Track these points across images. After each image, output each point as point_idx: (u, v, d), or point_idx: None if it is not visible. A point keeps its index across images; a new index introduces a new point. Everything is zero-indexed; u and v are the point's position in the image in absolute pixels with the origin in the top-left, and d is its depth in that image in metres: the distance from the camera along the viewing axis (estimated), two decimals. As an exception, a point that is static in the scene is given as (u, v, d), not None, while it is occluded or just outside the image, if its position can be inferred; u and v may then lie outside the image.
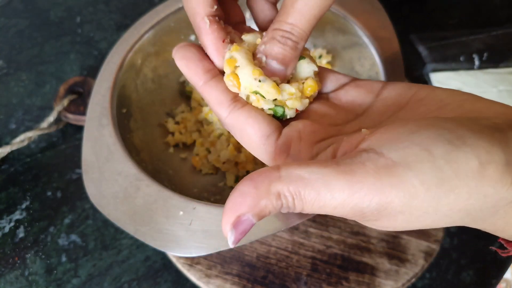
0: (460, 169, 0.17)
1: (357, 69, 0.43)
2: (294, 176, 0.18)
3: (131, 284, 0.39)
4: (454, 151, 0.17)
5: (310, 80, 0.25)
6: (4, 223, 0.42)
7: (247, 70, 0.23)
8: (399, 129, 0.18)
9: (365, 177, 0.17)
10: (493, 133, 0.17)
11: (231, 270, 0.39)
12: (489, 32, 0.56)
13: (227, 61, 0.24)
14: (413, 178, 0.17)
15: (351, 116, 0.25)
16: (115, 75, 0.40)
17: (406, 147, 0.17)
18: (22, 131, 0.47)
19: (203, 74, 0.24)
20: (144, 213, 0.32)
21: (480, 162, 0.17)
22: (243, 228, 0.18)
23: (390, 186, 0.17)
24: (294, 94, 0.24)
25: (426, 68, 0.53)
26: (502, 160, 0.17)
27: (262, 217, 0.18)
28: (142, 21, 0.43)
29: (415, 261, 0.39)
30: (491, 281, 0.40)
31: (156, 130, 0.44)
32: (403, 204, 0.17)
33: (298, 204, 0.18)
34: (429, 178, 0.17)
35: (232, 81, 0.24)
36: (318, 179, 0.17)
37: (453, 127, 0.17)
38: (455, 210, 0.18)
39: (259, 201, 0.18)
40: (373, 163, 0.17)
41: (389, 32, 0.41)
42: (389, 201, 0.17)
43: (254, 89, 0.24)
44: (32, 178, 0.45)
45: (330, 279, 0.39)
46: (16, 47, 0.56)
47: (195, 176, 0.43)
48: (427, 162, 0.17)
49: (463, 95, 0.21)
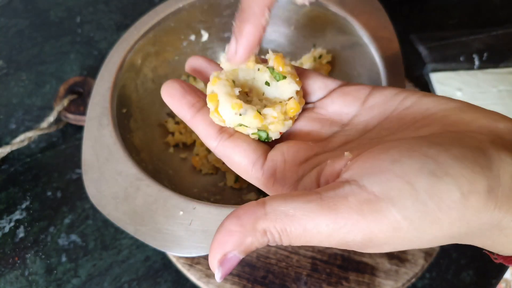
0: (442, 202, 0.17)
1: (357, 69, 0.43)
2: (279, 213, 0.18)
3: (131, 284, 0.39)
4: (436, 183, 0.17)
5: (292, 102, 0.25)
6: (4, 223, 0.42)
7: (227, 105, 0.24)
8: (382, 156, 0.18)
9: (348, 213, 0.17)
10: (476, 158, 0.17)
11: (231, 270, 0.39)
12: (489, 32, 0.56)
13: (209, 97, 0.25)
14: (396, 213, 0.17)
15: (336, 127, 0.25)
16: (115, 75, 0.40)
17: (388, 180, 0.17)
18: (22, 131, 0.47)
19: (189, 109, 0.25)
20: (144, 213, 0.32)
21: (462, 193, 0.17)
22: (229, 265, 0.18)
23: (374, 222, 0.17)
24: (276, 117, 0.25)
25: (426, 68, 0.53)
26: (485, 187, 0.17)
27: (248, 252, 0.19)
28: (142, 21, 0.43)
29: (415, 261, 0.39)
30: (491, 281, 0.40)
31: (156, 130, 0.44)
32: (387, 237, 0.17)
33: (285, 240, 0.18)
34: (412, 213, 0.17)
35: (217, 117, 0.25)
36: (303, 215, 0.18)
37: (436, 154, 0.17)
38: (441, 236, 0.18)
39: (245, 238, 0.18)
40: (356, 197, 0.17)
41: (389, 32, 0.41)
42: (373, 236, 0.17)
43: (238, 123, 0.24)
44: (32, 178, 0.45)
45: (330, 279, 0.39)
46: (16, 47, 0.56)
47: (195, 176, 0.43)
48: (409, 197, 0.17)
49: (450, 103, 0.21)
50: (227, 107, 0.24)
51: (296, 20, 0.46)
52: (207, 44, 0.48)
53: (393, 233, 0.17)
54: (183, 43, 0.46)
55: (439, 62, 0.53)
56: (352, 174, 0.18)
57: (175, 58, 0.46)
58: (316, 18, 0.45)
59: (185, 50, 0.47)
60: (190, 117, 0.26)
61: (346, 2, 0.43)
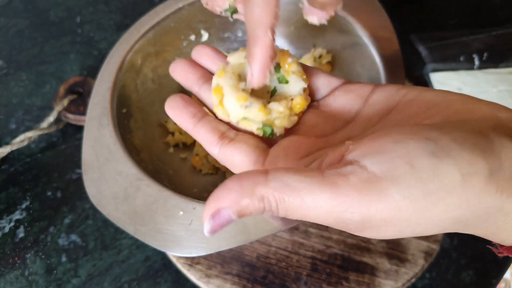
0: (442, 182, 0.17)
1: (357, 69, 0.43)
2: (280, 182, 0.18)
3: (131, 284, 0.39)
4: (437, 164, 0.17)
5: (299, 97, 0.25)
6: (4, 223, 0.42)
7: (232, 98, 0.24)
8: (384, 138, 0.18)
9: (348, 191, 0.17)
10: (477, 141, 0.17)
11: (231, 270, 0.39)
12: (489, 32, 0.56)
13: (214, 90, 0.25)
14: (396, 193, 0.17)
15: (340, 123, 0.25)
16: (115, 75, 0.40)
17: (389, 160, 0.17)
18: (22, 131, 0.47)
19: (190, 119, 0.26)
20: (144, 213, 0.32)
21: (462, 174, 0.17)
22: (220, 221, 0.18)
23: (373, 201, 0.17)
24: (282, 112, 0.25)
25: (426, 68, 0.53)
26: (485, 170, 0.17)
27: (242, 215, 0.19)
28: (142, 21, 0.43)
29: (415, 261, 0.39)
30: (491, 281, 0.40)
31: (156, 130, 0.44)
32: (386, 217, 0.17)
33: (282, 210, 0.18)
34: (412, 192, 0.17)
35: (221, 110, 0.25)
36: (304, 188, 0.18)
37: (437, 136, 0.18)
38: (445, 218, 0.18)
39: (241, 199, 0.18)
40: (356, 176, 0.17)
41: (389, 32, 0.41)
42: (372, 215, 0.17)
43: (242, 116, 0.24)
44: (32, 178, 0.45)
45: (330, 279, 0.39)
46: (16, 47, 0.56)
47: (195, 176, 0.43)
48: (410, 177, 0.17)
49: (452, 95, 0.21)
50: (232, 99, 0.24)
51: (296, 20, 0.46)
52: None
53: (393, 213, 0.17)
54: (183, 43, 0.46)
55: (439, 62, 0.53)
56: (354, 155, 0.18)
57: (175, 58, 0.46)
58: (316, 18, 0.45)
59: (185, 50, 0.47)
60: (192, 127, 0.26)
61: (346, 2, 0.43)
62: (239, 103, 0.24)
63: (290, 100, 0.25)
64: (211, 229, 0.19)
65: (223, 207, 0.18)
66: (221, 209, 0.18)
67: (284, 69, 0.26)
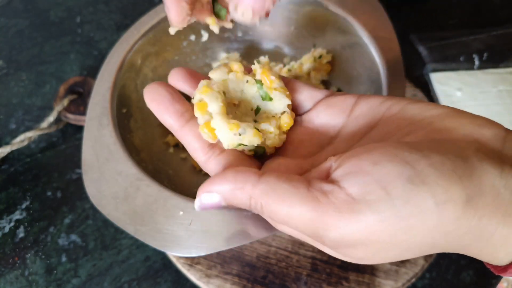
0: (416, 209, 0.17)
1: (357, 69, 0.43)
2: (269, 187, 0.19)
3: (131, 284, 0.39)
4: (412, 190, 0.17)
5: (286, 116, 0.25)
6: (4, 223, 0.42)
7: (224, 127, 0.23)
8: (363, 157, 0.19)
9: (327, 209, 0.18)
10: (455, 167, 0.18)
11: (231, 270, 0.39)
12: (489, 32, 0.56)
13: (198, 106, 0.24)
14: (369, 216, 0.17)
15: (324, 139, 0.25)
16: (115, 75, 0.40)
17: (366, 183, 0.18)
18: (22, 131, 0.47)
19: (177, 119, 0.24)
20: (144, 213, 0.32)
21: (436, 202, 0.17)
22: (210, 202, 0.21)
23: (348, 221, 0.18)
24: (272, 132, 0.25)
25: (426, 68, 0.53)
26: (462, 197, 0.17)
27: (229, 204, 0.21)
28: (142, 21, 0.43)
29: (415, 261, 0.39)
30: (491, 281, 0.40)
31: (156, 130, 0.44)
32: (360, 238, 0.18)
33: (266, 212, 0.20)
34: (387, 217, 0.17)
35: (207, 133, 0.23)
36: (288, 198, 0.19)
37: (415, 160, 0.18)
38: (419, 243, 0.18)
39: (232, 191, 0.20)
40: (335, 196, 0.18)
41: (389, 32, 0.41)
42: (346, 234, 0.18)
43: (237, 143, 0.23)
44: (32, 178, 0.45)
45: (330, 279, 0.39)
46: (16, 47, 0.56)
47: (195, 176, 0.43)
48: (384, 202, 0.17)
49: (435, 109, 0.21)
50: (224, 128, 0.23)
51: (296, 20, 0.46)
52: (207, 44, 0.48)
53: (367, 236, 0.18)
54: (183, 43, 0.46)
55: (439, 62, 0.53)
56: (336, 175, 0.19)
57: (175, 58, 0.46)
58: (316, 18, 0.45)
59: (185, 50, 0.47)
60: (178, 127, 0.25)
61: (346, 2, 0.43)
62: (232, 131, 0.23)
63: (278, 119, 0.25)
64: (201, 205, 0.21)
65: (214, 191, 0.20)
66: (212, 192, 0.20)
67: (266, 85, 0.25)
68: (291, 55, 0.49)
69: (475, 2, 0.61)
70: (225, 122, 0.23)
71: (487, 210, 0.17)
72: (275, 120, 0.25)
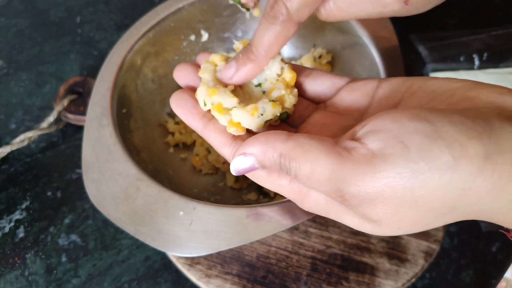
0: (432, 163, 0.17)
1: (357, 69, 0.43)
2: (296, 143, 0.20)
3: (131, 284, 0.39)
4: (429, 144, 0.17)
5: (286, 71, 0.26)
6: (4, 223, 0.42)
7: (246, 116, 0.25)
8: (385, 117, 0.19)
9: (348, 163, 0.19)
10: (475, 125, 0.18)
11: (231, 270, 0.39)
12: (489, 32, 0.56)
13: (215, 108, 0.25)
14: (388, 169, 0.18)
15: (349, 122, 0.25)
16: (115, 75, 0.40)
17: (385, 138, 0.18)
18: (22, 131, 0.47)
19: (200, 119, 0.27)
20: (144, 213, 0.32)
21: (454, 156, 0.17)
22: (245, 164, 0.22)
23: (367, 176, 0.18)
24: (285, 94, 0.26)
25: (426, 68, 0.53)
26: (480, 153, 0.17)
27: (263, 166, 0.21)
28: (142, 21, 0.43)
29: (415, 261, 0.39)
30: (491, 281, 0.40)
31: (156, 130, 0.44)
32: (378, 192, 0.18)
33: (293, 170, 0.20)
34: (403, 171, 0.18)
35: (235, 129, 0.25)
36: (314, 151, 0.20)
37: (435, 118, 0.18)
38: (433, 204, 0.18)
39: (264, 151, 0.21)
40: (357, 152, 0.19)
41: (389, 32, 0.41)
42: (365, 187, 0.18)
43: (263, 122, 0.25)
44: (32, 178, 0.45)
45: (330, 279, 0.39)
46: (16, 47, 0.56)
47: (195, 176, 0.43)
48: (401, 156, 0.18)
49: (456, 83, 0.21)
50: (247, 117, 0.25)
51: (296, 20, 0.46)
52: (207, 44, 0.48)
53: (385, 190, 0.18)
54: (183, 43, 0.46)
55: (439, 62, 0.53)
56: (360, 133, 0.20)
57: (175, 58, 0.46)
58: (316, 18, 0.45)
59: (185, 50, 0.47)
60: (202, 127, 0.26)
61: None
62: (254, 116, 0.25)
63: (282, 79, 0.26)
64: (236, 170, 0.22)
65: (248, 152, 0.21)
66: (246, 154, 0.21)
67: None
68: (291, 55, 0.49)
69: (475, 2, 0.61)
70: (245, 111, 0.24)
71: (507, 167, 0.17)
72: (280, 82, 0.26)
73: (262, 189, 0.42)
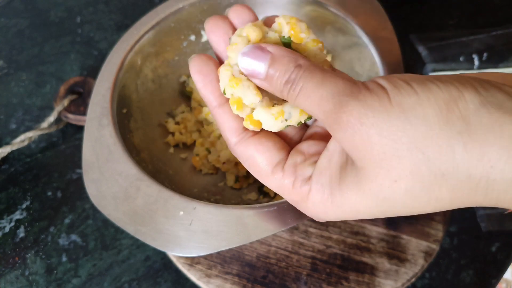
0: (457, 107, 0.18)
1: (357, 69, 0.43)
2: (307, 64, 0.20)
3: (131, 284, 0.39)
4: (428, 89, 0.18)
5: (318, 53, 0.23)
6: (5, 223, 0.42)
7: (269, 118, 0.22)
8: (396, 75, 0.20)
9: (364, 89, 0.19)
10: (474, 79, 0.19)
11: (231, 270, 0.39)
12: (489, 32, 0.56)
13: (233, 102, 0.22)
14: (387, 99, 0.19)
15: None
16: (115, 76, 0.40)
17: (396, 81, 0.19)
18: (22, 131, 0.47)
19: (218, 96, 0.23)
20: (145, 213, 0.32)
21: (451, 96, 0.18)
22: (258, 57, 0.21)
23: (366, 100, 0.19)
24: None
25: (426, 68, 0.53)
26: (475, 101, 0.18)
27: (270, 74, 0.21)
28: (142, 21, 0.43)
29: (415, 261, 0.39)
30: (491, 281, 0.40)
31: (156, 130, 0.44)
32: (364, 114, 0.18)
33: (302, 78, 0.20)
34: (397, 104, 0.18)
35: (252, 126, 0.22)
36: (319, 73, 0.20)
37: (448, 78, 0.19)
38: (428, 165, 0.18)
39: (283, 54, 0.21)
40: (369, 86, 0.20)
41: (389, 32, 0.41)
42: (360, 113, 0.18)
43: (285, 126, 0.23)
44: (32, 178, 0.45)
45: (330, 279, 0.39)
46: (16, 47, 0.56)
47: (195, 176, 0.43)
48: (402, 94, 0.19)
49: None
50: (270, 120, 0.22)
51: (296, 20, 0.46)
52: (207, 44, 0.48)
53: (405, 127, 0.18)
54: (183, 43, 0.46)
55: (439, 62, 0.53)
56: (384, 83, 0.20)
57: (175, 58, 0.46)
58: (316, 18, 0.45)
59: (185, 50, 0.47)
60: (216, 105, 0.23)
61: (346, 2, 0.43)
62: (278, 120, 0.22)
63: None
64: (245, 55, 0.21)
65: (267, 48, 0.21)
66: (264, 48, 0.21)
67: (297, 41, 0.23)
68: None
69: (475, 2, 0.61)
70: (269, 113, 0.22)
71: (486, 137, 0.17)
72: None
73: (262, 189, 0.42)
